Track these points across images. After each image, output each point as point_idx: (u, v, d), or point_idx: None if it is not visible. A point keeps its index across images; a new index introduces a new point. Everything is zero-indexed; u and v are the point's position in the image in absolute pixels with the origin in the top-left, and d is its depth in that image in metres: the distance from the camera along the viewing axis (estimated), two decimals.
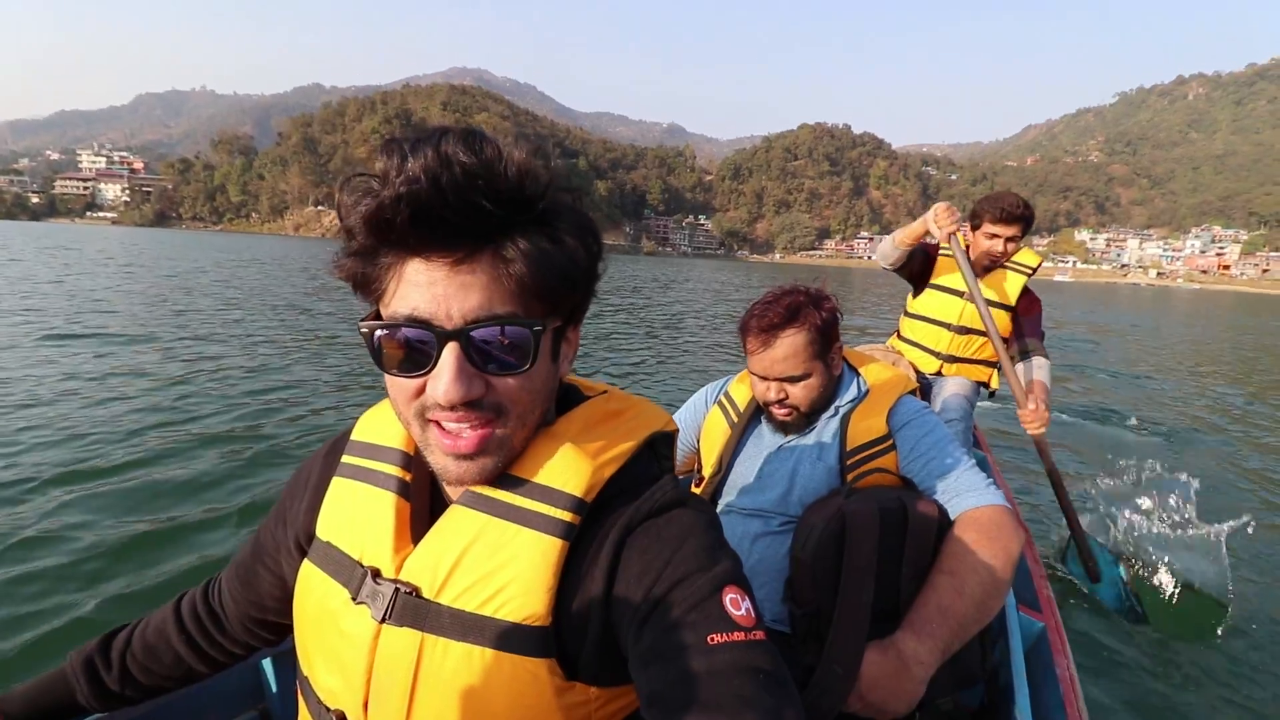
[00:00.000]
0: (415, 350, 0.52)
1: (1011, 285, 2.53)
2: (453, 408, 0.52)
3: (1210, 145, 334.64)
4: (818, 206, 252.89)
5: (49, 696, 0.77)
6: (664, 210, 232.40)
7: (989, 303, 2.48)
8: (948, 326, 2.62)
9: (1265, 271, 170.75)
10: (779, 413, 1.34)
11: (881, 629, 1.04)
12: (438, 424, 0.54)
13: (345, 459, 0.69)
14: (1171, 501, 3.14)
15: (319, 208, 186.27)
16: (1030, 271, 2.52)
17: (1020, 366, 2.50)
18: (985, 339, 2.57)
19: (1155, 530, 2.89)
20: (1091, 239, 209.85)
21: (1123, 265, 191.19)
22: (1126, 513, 3.04)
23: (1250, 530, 3.36)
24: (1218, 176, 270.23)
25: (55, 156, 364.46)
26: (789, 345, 1.26)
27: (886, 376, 1.40)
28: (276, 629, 0.77)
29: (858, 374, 1.41)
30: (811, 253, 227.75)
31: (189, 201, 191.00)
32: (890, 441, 1.29)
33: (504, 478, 0.59)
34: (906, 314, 2.80)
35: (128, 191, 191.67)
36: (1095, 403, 7.23)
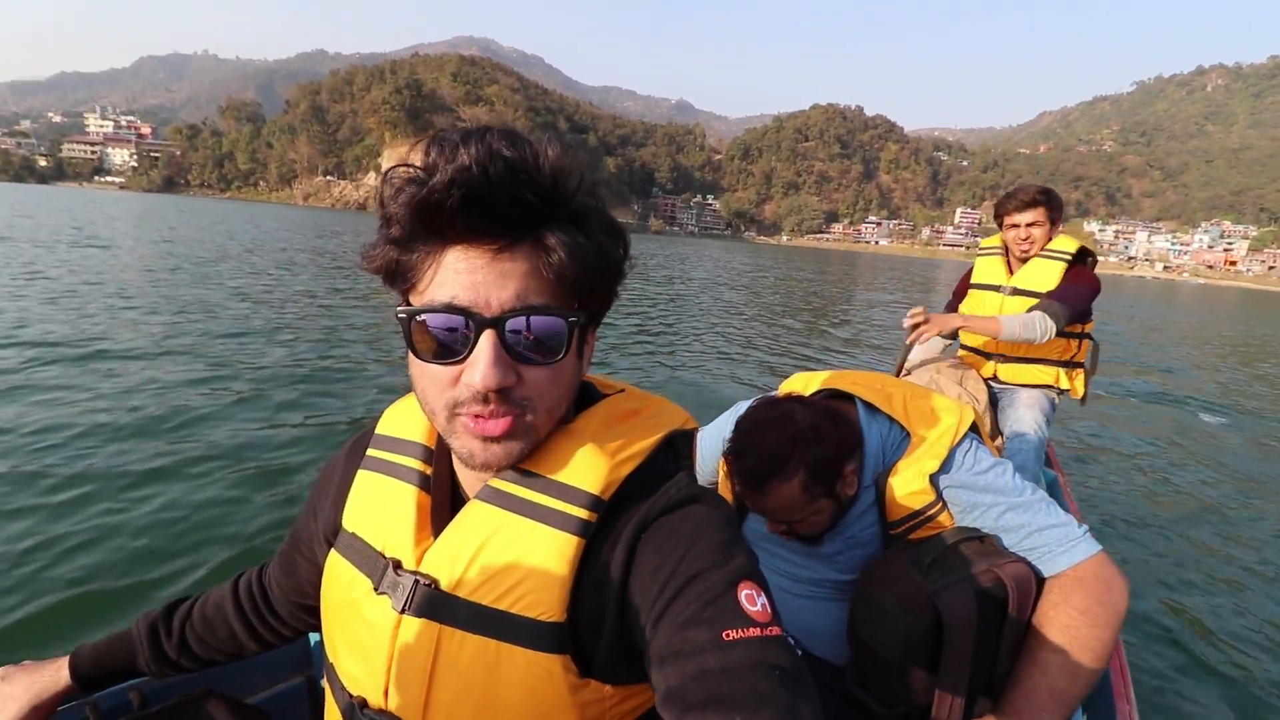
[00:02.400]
0: (452, 337, 0.53)
1: (1050, 272, 2.43)
2: (485, 398, 0.53)
3: (1226, 138, 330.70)
4: (826, 189, 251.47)
5: (115, 655, 0.82)
6: (672, 189, 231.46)
7: (1022, 292, 2.46)
8: None
9: (1272, 269, 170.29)
10: (787, 540, 1.20)
11: (974, 706, 0.97)
12: (471, 414, 0.55)
13: (370, 452, 0.71)
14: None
15: (328, 178, 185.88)
16: (1068, 257, 2.41)
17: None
18: None
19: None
20: (1100, 230, 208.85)
21: (1130, 258, 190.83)
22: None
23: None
24: (1231, 170, 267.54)
25: (57, 119, 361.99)
26: (779, 497, 1.10)
27: (935, 419, 1.17)
28: (318, 614, 0.78)
29: (894, 422, 1.19)
30: (819, 236, 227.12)
31: (197, 168, 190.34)
32: (940, 504, 1.12)
33: (523, 474, 0.60)
34: None
35: (135, 157, 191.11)
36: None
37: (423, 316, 0.53)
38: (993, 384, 2.55)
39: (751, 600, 0.52)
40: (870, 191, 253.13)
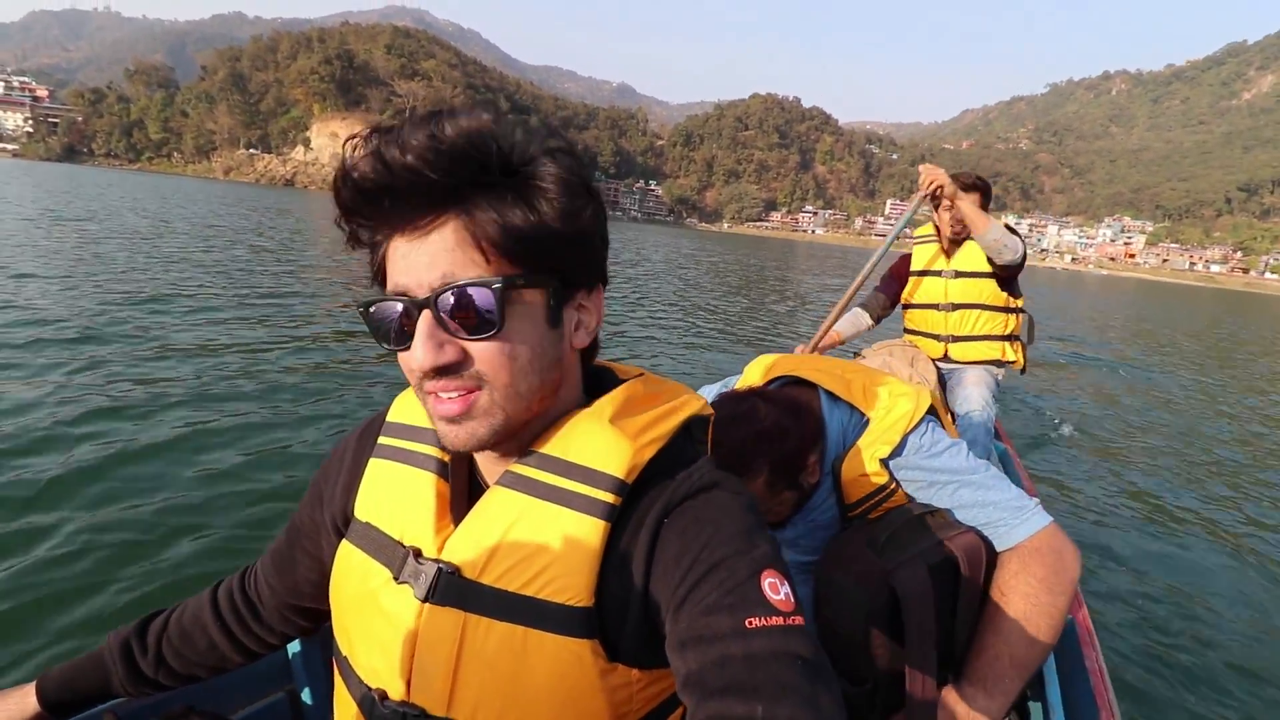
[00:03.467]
0: (401, 323, 0.54)
1: (982, 253, 2.57)
2: (431, 376, 0.54)
3: (1128, 140, 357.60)
4: (766, 178, 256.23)
5: (85, 679, 0.78)
6: (614, 174, 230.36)
7: (965, 274, 2.61)
8: (937, 307, 2.69)
9: (1165, 261, 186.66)
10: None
11: (937, 675, 0.99)
12: (435, 394, 0.55)
13: (383, 440, 0.70)
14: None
15: (251, 151, 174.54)
16: None
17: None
18: (982, 311, 2.64)
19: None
20: (1016, 223, 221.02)
21: (1043, 250, 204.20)
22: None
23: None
24: (1132, 169, 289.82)
25: None
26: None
27: (889, 403, 1.19)
28: (313, 616, 0.78)
29: (852, 412, 1.21)
30: (758, 224, 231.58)
31: (102, 136, 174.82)
32: (894, 485, 1.16)
33: (543, 458, 0.59)
34: (904, 307, 2.90)
35: (30, 122, 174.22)
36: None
37: (373, 307, 0.55)
38: (940, 365, 2.60)
39: (775, 589, 0.51)
40: (807, 182, 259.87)
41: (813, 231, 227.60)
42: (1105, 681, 1.25)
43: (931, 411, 1.23)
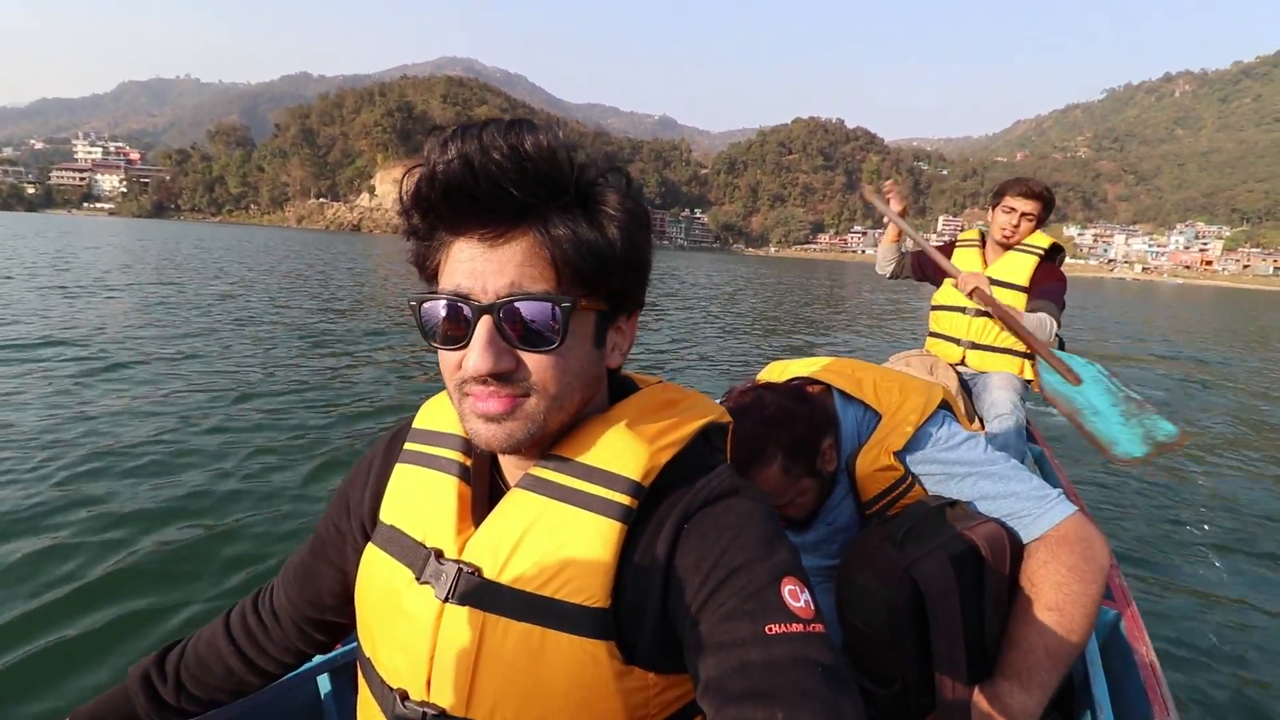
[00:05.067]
0: (455, 324, 0.55)
1: (1022, 264, 2.48)
2: (483, 381, 0.55)
3: (1195, 142, 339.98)
4: (812, 200, 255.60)
5: (114, 713, 0.79)
6: (660, 204, 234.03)
7: (996, 282, 2.46)
8: (962, 311, 2.59)
9: (1246, 267, 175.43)
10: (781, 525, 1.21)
11: (970, 672, 0.97)
12: (474, 395, 0.56)
13: (408, 446, 0.71)
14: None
15: (322, 200, 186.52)
16: (1040, 252, 2.47)
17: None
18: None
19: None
20: (1079, 234, 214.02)
21: (1109, 260, 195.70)
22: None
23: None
24: (1202, 173, 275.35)
25: (39, 146, 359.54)
26: (763, 483, 1.12)
27: (902, 400, 1.20)
28: (331, 630, 0.78)
29: (865, 410, 1.21)
30: (806, 246, 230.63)
31: (187, 193, 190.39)
32: (910, 480, 1.15)
33: (562, 461, 0.60)
34: (931, 308, 2.80)
35: (125, 182, 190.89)
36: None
37: (427, 304, 0.56)
38: (962, 370, 2.54)
39: (795, 596, 0.52)
40: (854, 202, 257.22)
41: (862, 251, 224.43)
42: (1159, 677, 1.19)
43: (945, 406, 1.21)
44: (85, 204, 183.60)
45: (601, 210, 0.55)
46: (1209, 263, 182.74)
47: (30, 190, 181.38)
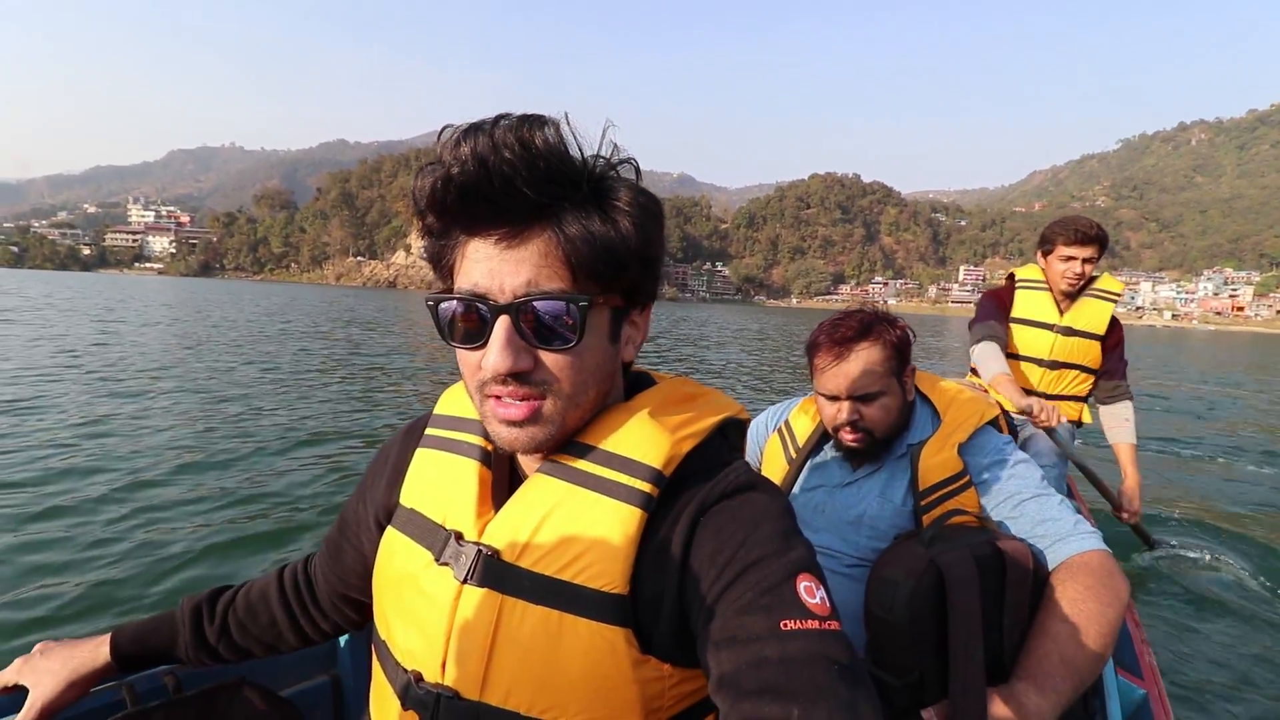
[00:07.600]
0: (473, 323, 0.55)
1: (1100, 312, 2.37)
2: (502, 380, 0.55)
3: (1216, 189, 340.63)
4: (831, 253, 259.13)
5: (156, 637, 0.83)
6: (682, 258, 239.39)
7: (1075, 332, 2.38)
8: (1039, 362, 2.44)
9: (1279, 312, 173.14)
10: (849, 437, 1.24)
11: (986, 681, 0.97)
12: (495, 396, 0.56)
13: (430, 431, 0.72)
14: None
15: (359, 259, 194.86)
16: (1116, 299, 2.40)
17: (1104, 412, 2.45)
18: (1079, 373, 2.44)
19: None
20: None
21: (1137, 308, 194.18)
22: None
23: None
24: (1226, 219, 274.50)
25: (92, 209, 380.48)
26: (864, 359, 1.19)
27: (963, 404, 1.27)
28: (359, 609, 0.80)
29: (931, 405, 1.31)
30: (828, 297, 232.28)
31: (232, 253, 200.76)
32: (967, 478, 1.19)
33: (583, 448, 0.60)
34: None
35: (174, 244, 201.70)
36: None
37: (445, 304, 0.56)
38: (1013, 419, 2.27)
39: (810, 592, 0.52)
40: (874, 253, 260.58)
41: (885, 302, 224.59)
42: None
43: (995, 424, 1.29)
44: (136, 264, 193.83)
45: (614, 205, 0.55)
46: (1240, 308, 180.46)
47: (85, 251, 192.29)
